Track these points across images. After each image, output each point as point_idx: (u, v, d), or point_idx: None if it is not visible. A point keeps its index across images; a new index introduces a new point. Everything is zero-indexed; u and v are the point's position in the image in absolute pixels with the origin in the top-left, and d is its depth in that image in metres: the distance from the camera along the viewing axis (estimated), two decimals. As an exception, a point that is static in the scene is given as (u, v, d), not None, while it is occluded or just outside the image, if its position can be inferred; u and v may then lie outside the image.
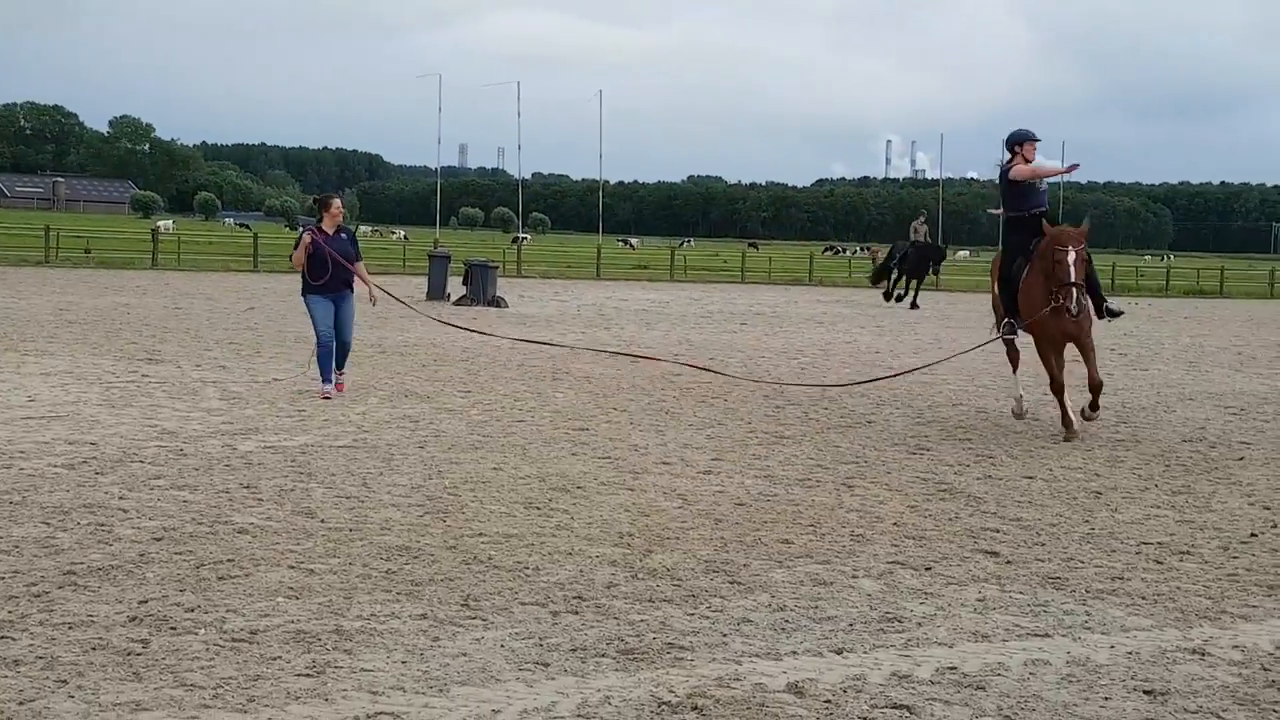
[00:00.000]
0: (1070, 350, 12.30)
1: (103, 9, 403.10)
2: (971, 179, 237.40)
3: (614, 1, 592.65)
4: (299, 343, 18.98)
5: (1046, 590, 6.84)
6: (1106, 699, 5.20)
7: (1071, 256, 11.46)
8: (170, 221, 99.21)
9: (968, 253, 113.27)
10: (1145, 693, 5.29)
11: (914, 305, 34.25)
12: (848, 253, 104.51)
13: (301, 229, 14.36)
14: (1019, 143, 12.18)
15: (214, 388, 13.43)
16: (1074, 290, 11.45)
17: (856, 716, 4.94)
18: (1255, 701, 5.24)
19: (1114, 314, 12.47)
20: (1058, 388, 12.01)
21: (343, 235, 13.38)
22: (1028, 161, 12.14)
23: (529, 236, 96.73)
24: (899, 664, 5.53)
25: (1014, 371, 13.15)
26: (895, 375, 15.54)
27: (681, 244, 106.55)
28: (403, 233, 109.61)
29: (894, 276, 35.35)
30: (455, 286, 30.50)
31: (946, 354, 17.47)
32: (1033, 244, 12.08)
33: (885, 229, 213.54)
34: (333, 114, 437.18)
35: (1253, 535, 8.30)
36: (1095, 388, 11.98)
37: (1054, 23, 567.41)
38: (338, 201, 13.79)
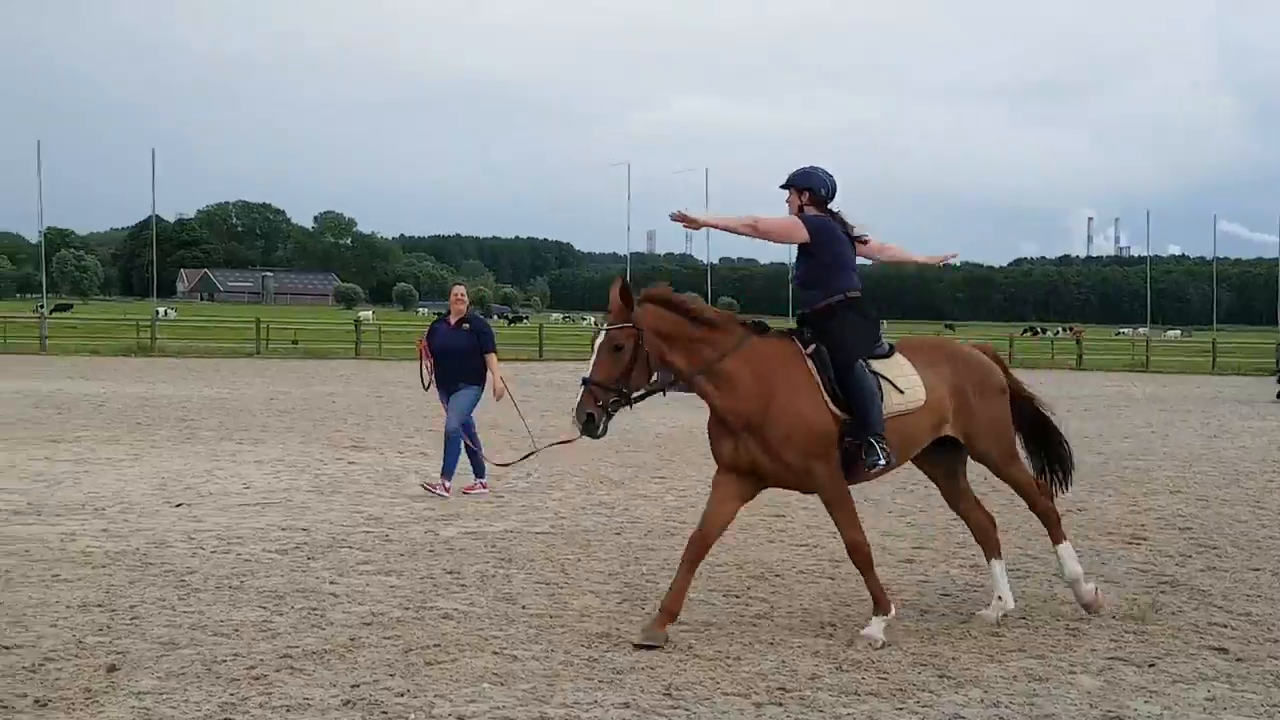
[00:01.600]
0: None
1: (306, 111, 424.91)
2: (1182, 256, 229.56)
3: (793, 86, 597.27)
4: (492, 430, 19.37)
5: (1283, 690, 6.41)
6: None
7: (599, 341, 7.15)
8: (370, 312, 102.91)
9: (1178, 332, 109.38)
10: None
11: None
12: (1049, 334, 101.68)
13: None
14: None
15: (416, 475, 13.74)
16: (579, 392, 7.01)
17: (1083, 823, 4.68)
18: None
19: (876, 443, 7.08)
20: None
21: (465, 325, 12.49)
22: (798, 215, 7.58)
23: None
24: (1126, 767, 5.23)
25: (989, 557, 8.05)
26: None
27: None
28: (593, 319, 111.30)
29: None
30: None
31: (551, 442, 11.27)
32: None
33: (1089, 309, 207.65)
34: (525, 204, 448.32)
35: None
36: (851, 553, 7.31)
37: (1269, 91, 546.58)
38: (458, 289, 12.90)
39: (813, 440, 7.09)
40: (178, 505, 11.32)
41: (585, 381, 6.98)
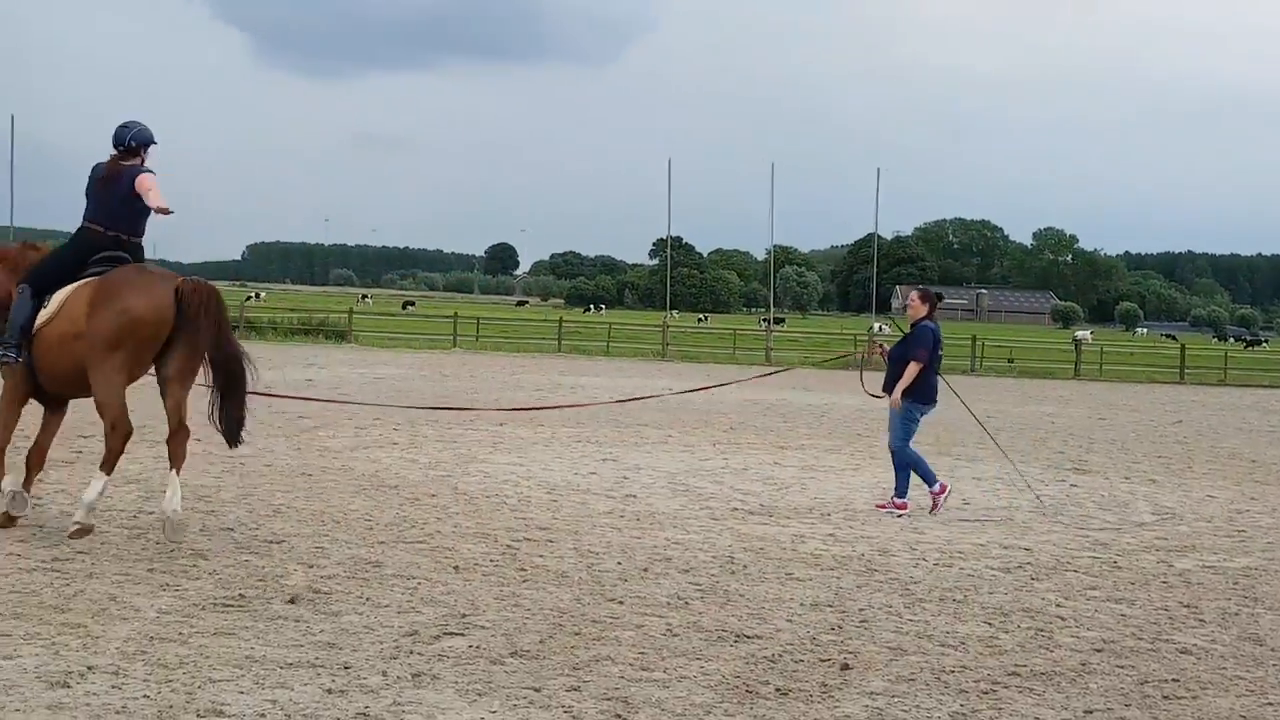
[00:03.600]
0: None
1: (1026, 128, 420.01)
2: None
3: None
4: (1231, 459, 17.97)
5: None
6: None
7: None
8: (1089, 332, 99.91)
9: None
10: None
11: None
12: None
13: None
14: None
15: (1145, 501, 13.03)
16: None
17: None
18: None
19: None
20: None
21: (909, 331, 11.91)
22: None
23: None
24: None
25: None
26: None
27: None
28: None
29: None
30: None
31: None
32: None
33: None
34: (1270, 217, 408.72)
35: None
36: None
37: None
38: (912, 294, 12.35)
39: None
40: (897, 516, 11.57)
41: None
